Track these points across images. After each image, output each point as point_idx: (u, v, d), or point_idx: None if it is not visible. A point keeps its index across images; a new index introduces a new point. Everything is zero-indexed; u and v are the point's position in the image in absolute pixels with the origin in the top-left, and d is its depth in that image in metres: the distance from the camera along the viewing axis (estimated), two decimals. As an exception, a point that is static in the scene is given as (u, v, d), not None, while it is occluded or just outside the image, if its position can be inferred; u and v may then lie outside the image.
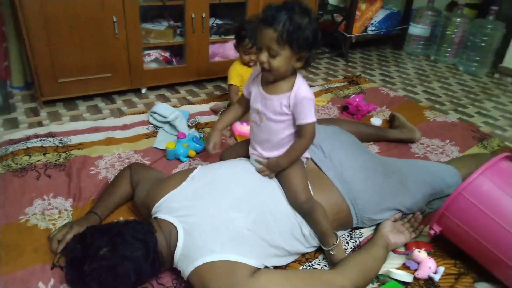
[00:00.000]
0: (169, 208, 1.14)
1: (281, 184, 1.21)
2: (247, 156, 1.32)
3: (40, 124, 2.06)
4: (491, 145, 1.92)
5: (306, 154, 1.25)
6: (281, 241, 1.14)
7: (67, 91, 2.25)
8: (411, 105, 2.36)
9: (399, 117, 2.01)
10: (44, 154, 1.62)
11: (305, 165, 1.26)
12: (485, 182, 1.11)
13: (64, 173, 1.54)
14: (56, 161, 1.60)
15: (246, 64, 1.99)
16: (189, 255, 1.04)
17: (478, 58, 3.17)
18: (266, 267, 1.10)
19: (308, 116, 1.09)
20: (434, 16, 3.49)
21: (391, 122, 2.07)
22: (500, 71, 3.09)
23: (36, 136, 1.73)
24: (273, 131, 1.16)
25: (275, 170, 1.21)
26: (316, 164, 1.33)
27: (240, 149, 1.36)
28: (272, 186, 1.21)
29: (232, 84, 1.97)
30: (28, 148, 1.63)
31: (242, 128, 1.87)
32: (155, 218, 1.14)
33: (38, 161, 1.57)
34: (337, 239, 1.20)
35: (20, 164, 1.53)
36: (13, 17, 2.23)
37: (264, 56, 1.04)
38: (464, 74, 3.16)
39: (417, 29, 3.56)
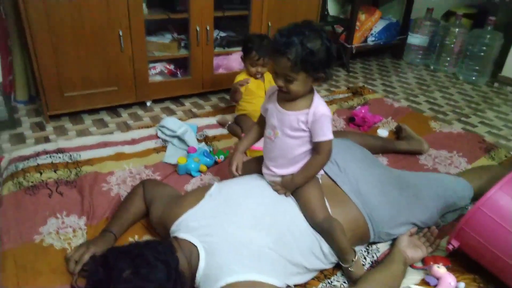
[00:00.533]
0: (188, 227, 1.13)
1: (298, 203, 1.20)
2: (260, 172, 1.32)
3: (46, 139, 2.05)
4: (499, 156, 1.94)
5: (321, 171, 1.25)
6: (301, 258, 1.14)
7: (72, 105, 2.24)
8: (416, 116, 2.38)
9: (406, 129, 2.03)
10: (55, 171, 1.60)
11: (320, 181, 1.26)
12: (503, 197, 1.12)
13: (76, 190, 1.53)
14: (67, 177, 1.58)
15: (253, 75, 2.00)
16: (211, 275, 1.04)
17: (477, 68, 3.21)
18: (288, 286, 1.09)
19: (327, 133, 1.10)
20: (432, 26, 3.54)
21: (397, 133, 2.08)
22: (500, 80, 3.14)
23: (46, 152, 1.72)
24: (288, 147, 1.16)
25: (290, 188, 1.21)
26: (332, 179, 1.33)
27: (254, 165, 1.35)
28: (289, 203, 1.21)
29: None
30: (38, 165, 1.62)
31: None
32: (175, 237, 1.14)
33: (49, 178, 1.56)
34: (355, 256, 1.20)
35: (32, 182, 1.52)
36: (18, 31, 2.22)
37: (281, 82, 1.07)
38: (464, 84, 3.20)
39: (416, 39, 3.61)
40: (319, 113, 1.09)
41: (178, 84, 2.55)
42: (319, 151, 1.14)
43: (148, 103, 2.51)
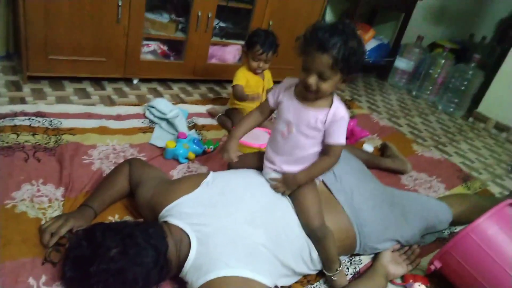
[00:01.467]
0: (181, 213, 1.08)
1: (294, 206, 1.18)
2: (256, 168, 1.29)
3: (23, 100, 1.91)
4: (474, 186, 2.02)
5: (320, 176, 1.24)
6: (291, 261, 1.12)
7: (55, 70, 2.11)
8: (400, 137, 2.44)
9: (392, 148, 2.06)
10: (33, 135, 1.49)
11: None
12: (492, 226, 1.16)
13: (54, 159, 1.43)
14: (46, 144, 1.48)
15: (253, 70, 1.97)
16: (201, 267, 0.99)
17: (456, 100, 3.35)
18: (276, 286, 1.07)
19: (341, 137, 1.09)
20: (420, 54, 3.65)
21: (382, 151, 2.12)
22: (475, 116, 3.28)
23: (24, 113, 1.60)
24: (301, 145, 1.13)
25: (291, 187, 1.18)
26: (327, 187, 1.32)
27: (252, 160, 1.31)
28: (286, 204, 1.18)
29: (237, 85, 1.93)
30: (15, 125, 1.50)
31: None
32: (165, 222, 1.08)
33: (26, 141, 1.45)
34: (340, 265, 1.20)
35: (7, 142, 1.40)
36: (8, -19, 2.07)
37: (313, 79, 1.01)
38: (442, 113, 3.32)
39: (402, 63, 3.71)
40: (340, 114, 1.07)
41: (169, 67, 2.47)
42: (329, 154, 1.11)
43: (135, 81, 2.41)
